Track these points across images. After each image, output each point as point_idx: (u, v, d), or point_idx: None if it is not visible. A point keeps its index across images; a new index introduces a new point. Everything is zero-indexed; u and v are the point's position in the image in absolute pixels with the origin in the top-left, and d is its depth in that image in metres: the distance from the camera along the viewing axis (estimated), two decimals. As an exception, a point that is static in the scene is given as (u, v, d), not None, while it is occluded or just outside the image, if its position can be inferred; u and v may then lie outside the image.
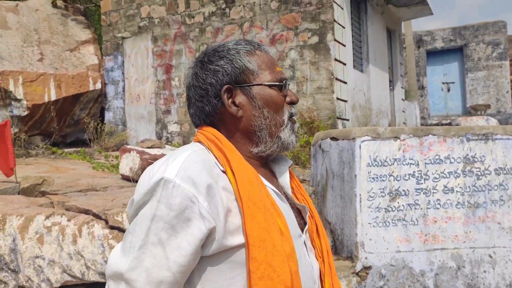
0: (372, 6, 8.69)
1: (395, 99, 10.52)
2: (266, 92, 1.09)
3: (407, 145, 4.02)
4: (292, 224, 1.06)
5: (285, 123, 1.11)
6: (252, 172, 1.01)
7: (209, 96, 1.09)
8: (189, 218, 0.93)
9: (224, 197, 0.97)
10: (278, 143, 1.10)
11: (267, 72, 1.11)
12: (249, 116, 1.08)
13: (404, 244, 3.94)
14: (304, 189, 1.21)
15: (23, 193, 4.14)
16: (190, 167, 0.96)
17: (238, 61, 1.09)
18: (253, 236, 0.95)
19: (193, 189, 0.93)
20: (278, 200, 1.06)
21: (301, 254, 1.06)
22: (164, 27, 8.03)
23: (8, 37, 8.46)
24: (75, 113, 8.61)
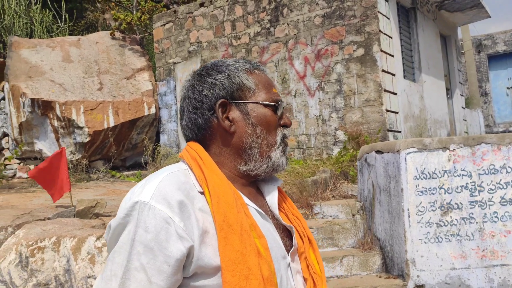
0: (423, 13, 8.42)
1: (454, 107, 10.04)
2: (260, 111, 1.08)
3: (458, 156, 3.81)
4: (275, 245, 1.03)
5: (277, 143, 1.10)
6: (231, 193, 0.99)
7: (203, 109, 1.08)
8: (166, 239, 0.91)
9: (200, 218, 0.95)
10: (268, 163, 1.08)
11: (264, 92, 1.10)
12: (242, 132, 1.07)
13: (459, 261, 3.71)
14: (296, 208, 1.18)
15: (78, 216, 4.36)
16: (165, 188, 0.95)
17: (236, 77, 1.09)
18: (226, 259, 0.92)
19: (168, 210, 0.92)
20: (261, 221, 1.04)
21: (283, 277, 1.02)
22: (212, 50, 8.25)
23: (71, 70, 9.07)
24: (133, 138, 9.00)
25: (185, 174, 1.02)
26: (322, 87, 6.94)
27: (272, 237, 1.04)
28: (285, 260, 1.05)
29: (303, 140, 7.11)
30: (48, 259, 3.72)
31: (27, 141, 8.45)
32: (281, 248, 1.05)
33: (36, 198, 5.32)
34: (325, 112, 6.89)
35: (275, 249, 1.02)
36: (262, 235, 0.98)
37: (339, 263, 4.00)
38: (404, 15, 7.93)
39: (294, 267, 1.08)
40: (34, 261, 3.70)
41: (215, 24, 8.22)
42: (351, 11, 6.68)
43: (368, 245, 4.16)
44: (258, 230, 0.99)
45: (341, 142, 6.62)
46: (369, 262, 4.04)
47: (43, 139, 8.47)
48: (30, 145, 8.48)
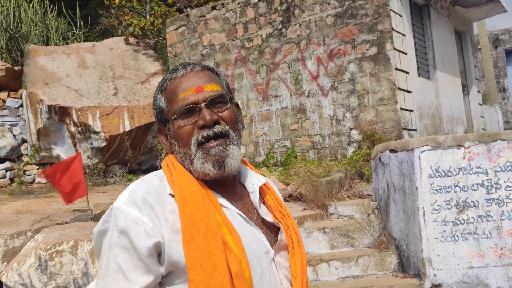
0: (436, 10, 8.33)
1: (471, 104, 9.90)
2: (173, 127, 1.12)
3: (473, 153, 3.76)
4: (254, 241, 1.06)
5: (193, 152, 1.08)
6: (198, 193, 1.04)
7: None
8: (136, 238, 0.98)
9: (170, 219, 1.01)
10: (199, 173, 1.09)
11: (172, 105, 1.11)
12: (174, 151, 1.13)
13: (477, 259, 3.66)
14: (285, 206, 1.19)
15: (95, 219, 4.42)
16: (136, 193, 1.02)
17: (156, 102, 1.16)
18: (190, 258, 0.97)
19: (138, 213, 0.99)
20: (239, 220, 1.07)
21: (265, 271, 1.05)
22: (225, 53, 8.29)
23: (86, 76, 9.21)
24: (148, 141, 9.09)
25: (160, 178, 1.09)
26: (335, 86, 6.92)
27: (251, 234, 1.07)
28: (268, 255, 1.08)
29: (317, 140, 7.09)
30: (67, 263, 3.79)
31: (45, 147, 8.60)
32: (262, 243, 1.08)
33: (54, 203, 5.41)
34: (339, 112, 6.87)
35: (254, 245, 1.05)
36: (234, 231, 1.02)
37: (355, 263, 3.99)
38: (417, 12, 7.85)
39: (280, 262, 1.11)
40: (53, 265, 3.77)
41: (227, 26, 8.27)
42: (363, 9, 6.65)
43: (384, 245, 4.13)
44: (230, 227, 1.03)
45: (356, 141, 6.59)
46: (385, 262, 4.01)
47: (61, 144, 8.61)
48: (48, 150, 8.63)
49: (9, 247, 4.12)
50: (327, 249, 4.26)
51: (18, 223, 4.42)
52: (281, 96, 7.49)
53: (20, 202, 5.71)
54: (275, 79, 7.57)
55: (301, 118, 7.28)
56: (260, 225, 1.12)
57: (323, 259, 3.98)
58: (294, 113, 7.34)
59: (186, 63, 1.16)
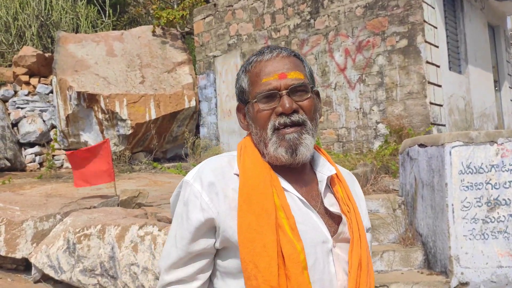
0: (470, 3, 8.10)
1: (503, 100, 9.63)
2: (252, 109, 1.14)
3: (506, 150, 3.66)
4: (311, 229, 1.07)
5: (268, 136, 1.10)
6: (261, 176, 1.07)
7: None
8: (192, 210, 1.07)
9: (231, 196, 1.07)
10: (271, 156, 1.12)
11: (254, 88, 1.13)
12: (252, 130, 1.16)
13: (507, 259, 3.57)
14: (353, 199, 1.18)
15: (122, 205, 4.49)
16: (204, 170, 1.10)
17: (239, 81, 1.19)
18: (241, 236, 1.02)
19: (199, 187, 1.07)
20: (300, 205, 1.09)
21: (319, 260, 1.06)
22: (252, 43, 8.26)
23: (114, 64, 9.33)
24: (173, 130, 9.17)
25: (230, 159, 1.15)
26: (363, 79, 6.82)
27: (310, 221, 1.08)
28: (325, 244, 1.08)
29: (343, 133, 7.02)
30: (94, 246, 3.87)
31: (74, 133, 8.77)
32: (320, 232, 1.09)
33: (82, 188, 5.52)
34: (365, 105, 6.77)
35: (310, 232, 1.07)
36: (291, 216, 1.04)
37: (379, 258, 3.94)
38: (450, 5, 7.65)
39: (339, 254, 1.10)
40: (81, 248, 3.85)
41: (255, 16, 8.22)
42: (394, 1, 6.52)
43: (410, 241, 4.07)
44: (288, 211, 1.05)
45: (382, 135, 6.49)
46: (411, 258, 3.96)
47: (89, 131, 8.77)
48: (76, 136, 8.80)
49: (38, 229, 4.23)
50: (352, 242, 4.22)
51: (48, 206, 4.53)
52: (307, 87, 7.42)
53: (49, 186, 5.85)
54: (302, 70, 7.50)
55: (327, 111, 7.21)
56: (323, 214, 1.12)
57: (347, 253, 3.94)
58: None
59: (273, 47, 1.17)
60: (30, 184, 6.11)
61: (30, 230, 4.18)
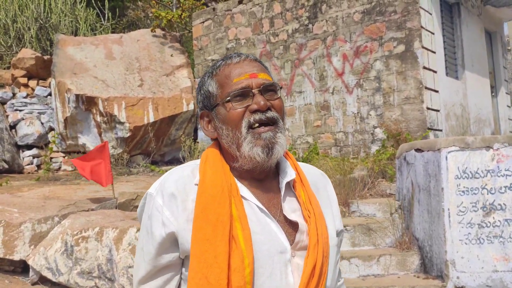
0: (467, 9, 8.16)
1: (499, 106, 9.69)
2: (222, 111, 1.13)
3: (502, 155, 3.69)
4: (269, 239, 1.05)
5: (242, 135, 1.09)
6: (219, 186, 1.05)
7: (200, 123, 1.23)
8: (155, 225, 1.08)
9: (189, 208, 1.06)
10: (245, 157, 1.09)
11: (224, 89, 1.13)
12: (219, 135, 1.14)
13: (502, 263, 3.60)
14: (315, 203, 1.14)
15: (120, 208, 4.51)
16: (166, 183, 1.10)
17: (203, 87, 1.18)
18: (194, 246, 1.01)
19: (161, 201, 1.07)
20: (259, 215, 1.07)
21: (275, 271, 1.04)
22: (250, 47, 8.30)
23: (113, 67, 9.35)
24: (171, 133, 9.19)
25: (193, 168, 1.13)
26: (360, 84, 6.86)
27: (268, 231, 1.06)
28: (283, 255, 1.05)
29: (340, 137, 7.06)
30: (92, 249, 3.88)
31: (72, 136, 8.77)
32: (278, 242, 1.06)
33: (80, 190, 5.53)
34: (363, 109, 6.81)
35: (267, 243, 1.04)
36: (247, 227, 1.02)
37: (376, 261, 3.97)
38: (447, 11, 7.71)
39: (298, 264, 1.07)
40: (79, 250, 3.86)
41: (253, 21, 8.27)
42: (391, 6, 6.57)
43: (406, 245, 4.10)
44: (244, 222, 1.03)
45: (380, 140, 6.53)
46: (407, 262, 3.98)
47: (87, 133, 8.78)
48: (74, 139, 8.80)
49: (36, 231, 4.24)
50: (349, 246, 4.25)
51: (46, 208, 4.54)
52: (305, 92, 7.47)
53: (47, 188, 5.85)
54: (300, 75, 7.55)
55: (324, 115, 7.25)
56: (282, 222, 1.09)
57: (344, 257, 3.97)
58: (317, 109, 7.31)
59: (239, 53, 1.19)
60: (28, 186, 6.12)
61: (28, 232, 4.18)
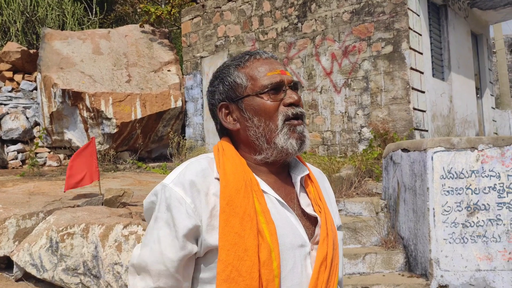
0: (454, 11, 8.26)
1: (484, 107, 9.82)
2: (254, 102, 1.14)
3: (486, 156, 3.75)
4: (291, 233, 1.08)
5: (278, 127, 1.12)
6: (241, 179, 1.07)
7: (215, 115, 1.22)
8: (177, 217, 1.04)
9: (212, 202, 1.06)
10: (276, 149, 1.12)
11: (257, 81, 1.14)
12: (244, 127, 1.15)
13: (485, 262, 3.66)
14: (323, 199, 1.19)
15: (106, 204, 4.47)
16: (185, 174, 1.08)
17: (228, 78, 1.17)
18: (223, 239, 1.01)
19: (182, 192, 1.05)
20: (279, 208, 1.10)
21: (297, 264, 1.07)
22: (239, 45, 8.29)
23: (100, 62, 9.26)
24: (159, 130, 9.14)
25: (209, 161, 1.13)
26: (348, 83, 6.90)
27: (289, 225, 1.09)
28: (303, 248, 1.09)
29: (328, 136, 7.09)
30: (77, 245, 3.85)
31: (57, 131, 8.68)
32: (299, 236, 1.09)
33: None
34: (351, 109, 6.86)
35: (290, 237, 1.07)
36: (271, 221, 1.05)
37: (362, 260, 4.00)
38: (435, 12, 7.79)
39: (315, 257, 1.10)
40: (64, 246, 3.83)
41: (243, 19, 8.26)
42: (380, 7, 6.62)
43: (391, 243, 4.15)
44: (268, 217, 1.05)
45: (367, 139, 6.58)
46: (392, 260, 4.03)
47: (73, 129, 8.69)
48: (60, 134, 8.71)
49: (20, 227, 4.19)
50: (335, 245, 4.27)
51: (30, 204, 4.48)
52: (293, 90, 7.48)
53: (32, 184, 5.78)
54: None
55: (312, 114, 7.28)
56: (300, 216, 1.13)
57: (330, 255, 3.99)
58: (305, 108, 7.34)
59: (262, 51, 1.21)
60: (13, 182, 6.04)
61: (12, 228, 4.13)
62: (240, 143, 1.18)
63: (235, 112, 1.17)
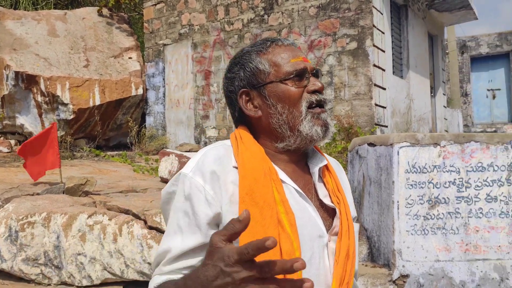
0: (413, 11, 8.54)
1: (437, 106, 10.26)
2: (278, 88, 1.12)
3: (448, 152, 3.92)
4: (309, 223, 1.07)
5: (302, 114, 1.11)
6: (260, 168, 1.05)
7: (234, 103, 1.18)
8: (197, 205, 1.02)
9: (230, 190, 1.04)
10: (300, 136, 1.11)
11: (280, 67, 1.12)
12: (266, 114, 1.12)
13: (443, 253, 3.84)
14: (342, 190, 1.17)
15: (67, 193, 4.31)
16: (204, 162, 1.06)
17: (249, 64, 1.14)
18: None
19: (201, 180, 1.03)
20: (297, 199, 1.08)
21: (315, 254, 1.06)
22: (204, 34, 8.18)
23: (56, 45, 8.86)
24: (118, 118, 8.89)
25: (226, 149, 1.11)
26: (313, 78, 6.98)
27: (307, 216, 1.07)
28: (321, 239, 1.08)
29: (291, 129, 7.16)
30: (38, 235, 3.69)
31: (9, 115, 8.26)
32: (317, 227, 1.08)
33: (22, 173, 5.23)
34: (314, 103, 6.94)
35: (308, 227, 1.06)
36: (290, 211, 1.03)
37: (327, 251, 4.09)
38: (396, 12, 8.02)
39: (333, 248, 1.10)
40: (24, 236, 3.66)
41: (208, 7, 8.15)
42: (346, 4, 6.73)
43: (356, 235, 4.26)
44: (287, 206, 1.03)
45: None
46: (356, 251, 4.14)
47: (25, 113, 8.30)
48: (11, 119, 8.29)
49: (-26, 215, 3.96)
50: (301, 236, 4.34)
51: (-15, 192, 4.25)
52: (258, 82, 7.49)
53: (-16, 170, 5.48)
54: (253, 65, 7.55)
55: (276, 106, 7.32)
56: (318, 207, 1.11)
57: (297, 245, 4.05)
58: (270, 100, 7.37)
59: (282, 38, 1.19)
60: (-39, 168, 5.70)
61: (-35, 216, 3.90)
62: (260, 131, 1.15)
63: (256, 99, 1.14)
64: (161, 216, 3.75)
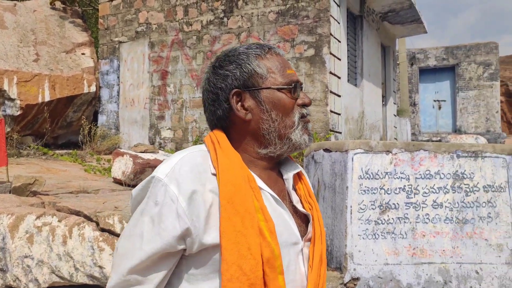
0: (368, 22, 8.82)
1: (388, 114, 10.64)
2: (274, 96, 1.11)
3: (399, 159, 4.08)
4: (285, 230, 1.07)
5: (295, 124, 1.12)
6: (240, 176, 1.03)
7: (220, 101, 1.13)
8: (166, 214, 1.00)
9: (209, 199, 1.01)
10: (288, 144, 1.12)
11: (277, 76, 1.12)
12: (258, 119, 1.11)
13: (392, 257, 3.98)
14: (313, 196, 1.19)
15: (14, 192, 4.12)
16: (180, 169, 1.02)
17: (247, 66, 1.11)
18: (226, 238, 0.98)
19: (176, 190, 1.00)
20: (274, 205, 1.08)
21: (291, 261, 1.07)
22: (162, 33, 8.07)
23: (4, 37, 8.45)
24: (68, 115, 8.59)
25: (202, 155, 1.08)
26: (270, 82, 7.05)
27: (283, 223, 1.07)
28: (296, 246, 1.08)
29: (247, 132, 7.19)
30: (-19, 236, 3.50)
31: (-51, 109, 7.78)
32: (293, 234, 1.08)
33: (-37, 171, 4.94)
34: (271, 107, 7.01)
35: (285, 235, 1.06)
36: (269, 219, 1.02)
37: (281, 254, 4.14)
38: (352, 22, 8.26)
39: (306, 254, 1.11)
40: (-35, 237, 3.46)
41: (167, 7, 8.05)
42: (305, 11, 6.85)
43: (309, 239, 4.33)
44: (266, 214, 1.03)
45: (285, 138, 6.78)
46: (309, 255, 4.21)
47: (-32, 108, 7.84)
48: (-48, 113, 7.81)
49: None
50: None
51: None
52: (215, 85, 7.47)
53: None
54: (211, 67, 7.53)
55: (233, 109, 7.33)
56: (292, 213, 1.12)
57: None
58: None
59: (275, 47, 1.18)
60: None
61: None
62: (243, 135, 1.13)
63: (248, 101, 1.11)
64: (114, 218, 3.66)
